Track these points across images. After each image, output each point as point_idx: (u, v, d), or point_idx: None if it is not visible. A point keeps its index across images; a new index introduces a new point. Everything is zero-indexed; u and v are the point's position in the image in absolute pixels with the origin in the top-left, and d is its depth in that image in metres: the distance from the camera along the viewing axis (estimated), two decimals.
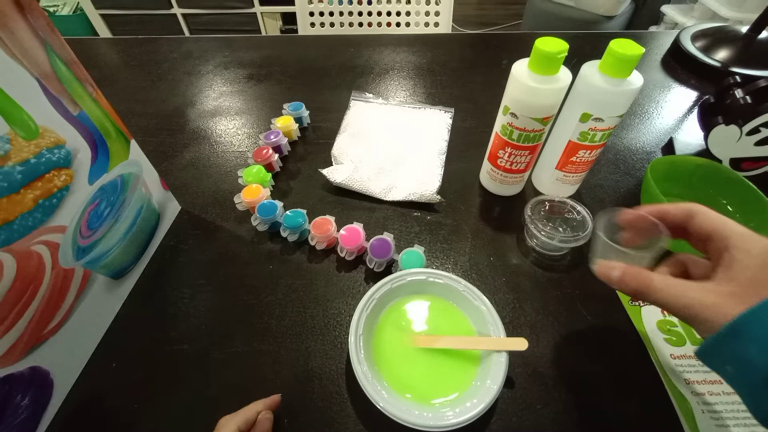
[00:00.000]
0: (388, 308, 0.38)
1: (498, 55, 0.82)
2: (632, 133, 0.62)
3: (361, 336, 0.34)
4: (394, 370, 0.34)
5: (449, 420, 0.30)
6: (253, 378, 0.31)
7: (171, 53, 0.82)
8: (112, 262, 0.40)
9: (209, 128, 0.64)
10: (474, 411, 0.30)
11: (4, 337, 0.29)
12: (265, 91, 0.72)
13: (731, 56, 0.72)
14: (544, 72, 0.39)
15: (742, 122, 0.49)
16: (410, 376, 0.34)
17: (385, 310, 0.38)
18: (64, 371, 0.35)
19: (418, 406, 0.32)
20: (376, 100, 0.67)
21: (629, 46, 0.37)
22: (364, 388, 0.31)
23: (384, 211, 0.51)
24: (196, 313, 0.41)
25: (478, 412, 0.30)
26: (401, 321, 0.37)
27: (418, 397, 0.33)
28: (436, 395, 0.33)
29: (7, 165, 0.28)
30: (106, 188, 0.38)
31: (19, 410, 0.31)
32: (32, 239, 0.30)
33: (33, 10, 0.29)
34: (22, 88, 0.29)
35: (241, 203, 0.48)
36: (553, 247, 0.44)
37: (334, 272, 0.45)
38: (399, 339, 0.36)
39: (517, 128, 0.43)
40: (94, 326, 0.39)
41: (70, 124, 0.34)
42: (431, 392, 0.33)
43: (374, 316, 0.37)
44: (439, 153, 0.57)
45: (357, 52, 0.82)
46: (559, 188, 0.51)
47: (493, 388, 0.31)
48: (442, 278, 0.38)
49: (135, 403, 0.35)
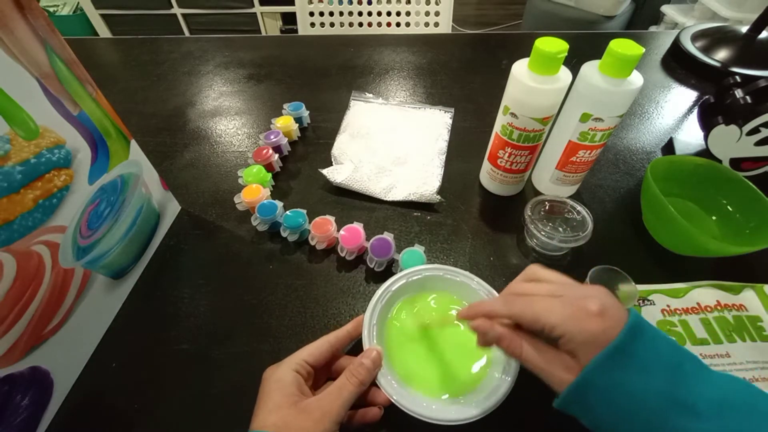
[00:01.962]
0: (402, 302, 0.38)
1: (498, 55, 0.82)
2: (632, 133, 0.62)
3: (375, 325, 0.34)
4: (406, 364, 0.34)
5: (464, 413, 0.30)
6: (253, 378, 0.31)
7: (171, 53, 0.82)
8: (112, 262, 0.40)
9: (209, 128, 0.64)
10: (488, 404, 0.30)
11: (4, 337, 0.29)
12: (265, 91, 0.72)
13: (731, 56, 0.72)
14: (544, 72, 0.39)
15: (742, 122, 0.49)
16: (423, 369, 0.34)
17: (399, 303, 0.38)
18: (64, 371, 0.35)
19: (430, 399, 0.32)
20: (376, 100, 0.67)
21: (629, 46, 0.37)
22: (378, 381, 0.32)
23: (384, 211, 0.51)
24: (196, 313, 0.41)
25: (492, 405, 0.30)
26: (414, 314, 0.37)
27: (430, 391, 0.33)
28: (448, 388, 0.33)
29: (7, 165, 0.28)
30: (106, 188, 0.38)
31: (19, 410, 0.31)
32: (32, 239, 0.30)
33: (33, 10, 0.29)
34: (22, 88, 0.29)
35: (241, 203, 0.48)
36: (553, 247, 0.44)
37: (335, 272, 0.45)
38: (412, 332, 0.36)
39: (517, 128, 0.43)
40: (94, 326, 0.39)
41: (70, 124, 0.34)
42: (444, 386, 0.33)
43: (387, 309, 0.37)
44: (439, 153, 0.57)
45: (357, 52, 0.82)
46: (559, 188, 0.51)
47: (506, 380, 0.32)
48: (459, 275, 0.38)
49: (135, 403, 0.35)
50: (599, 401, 0.24)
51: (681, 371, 0.23)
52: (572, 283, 0.28)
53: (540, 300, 0.26)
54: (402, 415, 0.30)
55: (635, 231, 0.48)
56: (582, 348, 0.24)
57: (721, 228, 0.46)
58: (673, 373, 0.23)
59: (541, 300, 0.26)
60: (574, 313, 0.24)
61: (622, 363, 0.23)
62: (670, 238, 0.45)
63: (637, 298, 0.40)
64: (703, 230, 0.46)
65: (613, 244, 0.47)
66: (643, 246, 0.47)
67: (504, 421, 0.32)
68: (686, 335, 0.38)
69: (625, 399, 0.23)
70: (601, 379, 0.23)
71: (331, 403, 0.29)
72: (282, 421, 0.27)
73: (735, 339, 0.38)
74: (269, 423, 0.27)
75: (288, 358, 0.32)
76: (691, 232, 0.40)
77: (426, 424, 0.30)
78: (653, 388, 0.22)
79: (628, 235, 0.48)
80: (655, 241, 0.46)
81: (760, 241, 0.39)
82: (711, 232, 0.46)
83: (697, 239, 0.40)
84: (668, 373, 0.23)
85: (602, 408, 0.24)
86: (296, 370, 0.30)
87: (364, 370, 0.31)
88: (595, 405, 0.24)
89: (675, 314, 0.40)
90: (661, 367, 0.23)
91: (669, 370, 0.23)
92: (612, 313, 0.24)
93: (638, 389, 0.23)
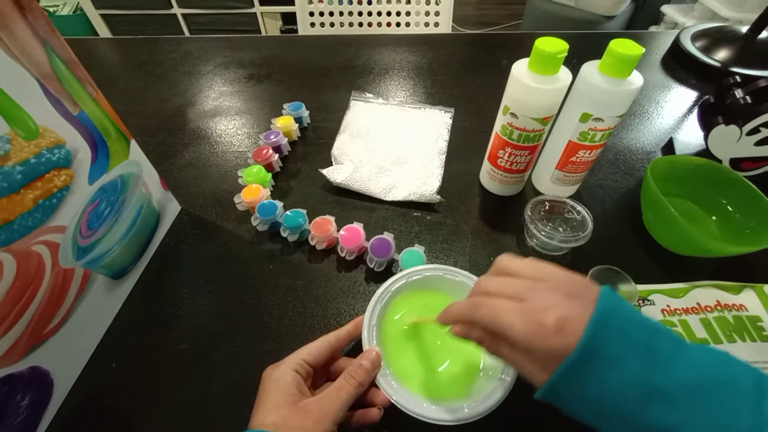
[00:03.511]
0: (402, 302, 0.38)
1: (498, 55, 0.82)
2: (632, 133, 0.62)
3: (374, 326, 0.34)
4: (405, 364, 0.34)
5: (464, 413, 0.30)
6: (253, 378, 0.31)
7: (171, 53, 0.82)
8: (112, 262, 0.40)
9: (209, 128, 0.64)
10: (487, 404, 0.30)
11: (4, 337, 0.29)
12: (265, 91, 0.72)
13: (731, 56, 0.72)
14: (544, 72, 0.39)
15: (742, 122, 0.49)
16: (422, 369, 0.34)
17: (399, 304, 0.38)
18: (64, 371, 0.35)
19: (430, 399, 0.32)
20: (376, 100, 0.67)
21: (629, 46, 0.37)
22: (377, 381, 0.32)
23: (384, 211, 0.51)
24: (196, 313, 0.41)
25: (492, 405, 0.30)
26: (414, 315, 0.37)
27: (430, 391, 0.33)
28: (448, 388, 0.33)
29: (7, 165, 0.28)
30: (106, 188, 0.38)
31: (19, 410, 0.31)
32: (32, 239, 0.30)
33: (33, 10, 0.29)
34: (22, 88, 0.29)
35: (241, 203, 0.48)
36: (553, 247, 0.44)
37: (334, 272, 0.45)
38: (412, 333, 0.36)
39: (517, 128, 0.43)
40: (94, 326, 0.39)
41: (70, 124, 0.34)
42: (443, 386, 0.33)
43: (387, 310, 0.37)
44: (439, 153, 0.57)
45: (357, 52, 0.82)
46: (559, 188, 0.51)
47: (506, 380, 0.32)
48: (458, 275, 0.38)
49: (135, 403, 0.35)
50: (573, 400, 0.24)
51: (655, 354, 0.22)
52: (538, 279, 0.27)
53: (503, 309, 0.25)
54: (402, 416, 0.30)
55: (635, 231, 0.48)
56: (545, 362, 0.24)
57: (721, 228, 0.46)
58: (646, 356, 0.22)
59: (503, 309, 0.25)
60: (533, 330, 0.23)
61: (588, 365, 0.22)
62: (670, 238, 0.45)
63: (637, 298, 0.40)
64: (703, 230, 0.46)
65: (613, 244, 0.47)
66: (643, 246, 0.47)
67: (504, 421, 0.32)
68: (686, 335, 0.38)
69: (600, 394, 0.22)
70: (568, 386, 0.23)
71: (331, 404, 0.29)
72: (281, 420, 0.27)
73: (735, 339, 0.38)
74: (268, 422, 0.27)
75: (287, 358, 0.32)
76: (691, 232, 0.40)
77: (425, 425, 0.30)
78: (627, 379, 0.22)
79: (628, 235, 0.48)
80: (655, 241, 0.46)
81: (760, 241, 0.39)
82: (711, 232, 0.46)
83: (697, 239, 0.40)
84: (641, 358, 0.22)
85: (578, 405, 0.24)
86: (296, 369, 0.30)
87: (363, 372, 0.31)
88: (570, 403, 0.24)
89: (675, 314, 0.40)
90: (633, 353, 0.22)
91: (642, 354, 0.22)
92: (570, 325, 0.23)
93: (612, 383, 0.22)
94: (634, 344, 0.23)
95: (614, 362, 0.22)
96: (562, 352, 0.23)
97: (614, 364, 0.22)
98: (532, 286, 0.26)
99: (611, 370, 0.22)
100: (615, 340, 0.22)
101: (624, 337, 0.23)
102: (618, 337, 0.23)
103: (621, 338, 0.23)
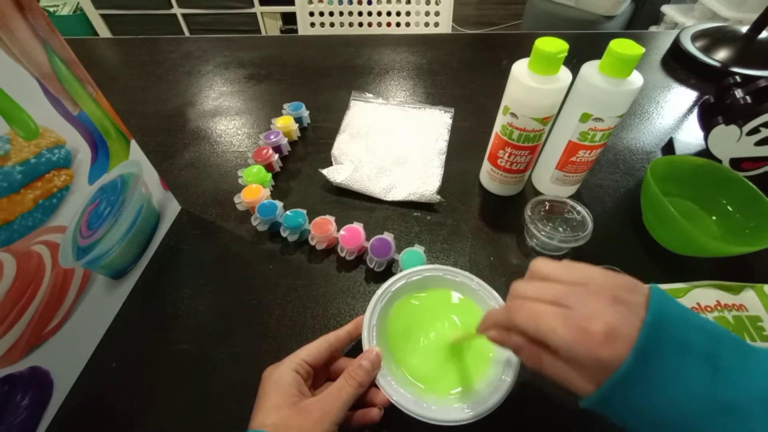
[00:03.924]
0: (402, 302, 0.38)
1: (498, 55, 0.82)
2: (632, 133, 0.62)
3: (374, 326, 0.34)
4: (406, 364, 0.34)
5: (464, 413, 0.30)
6: (253, 378, 0.31)
7: (171, 53, 0.82)
8: (112, 262, 0.40)
9: (209, 128, 0.64)
10: (488, 404, 0.30)
11: (4, 337, 0.29)
12: (265, 91, 0.72)
13: (731, 56, 0.72)
14: (544, 72, 0.39)
15: (742, 122, 0.49)
16: (422, 370, 0.34)
17: (399, 304, 0.38)
18: (64, 371, 0.35)
19: (430, 399, 0.32)
20: (376, 100, 0.67)
21: (629, 46, 0.37)
22: (377, 381, 0.32)
23: (384, 211, 0.51)
24: (196, 313, 0.41)
25: (492, 405, 0.30)
26: (414, 315, 0.37)
27: (430, 391, 0.33)
28: (448, 389, 0.33)
29: (7, 165, 0.28)
30: (106, 188, 0.38)
31: (19, 410, 0.31)
32: (32, 239, 0.30)
33: (33, 10, 0.29)
34: (22, 88, 0.29)
35: (241, 203, 0.48)
36: (553, 247, 0.44)
37: (334, 272, 0.45)
38: (412, 333, 0.36)
39: (517, 128, 0.43)
40: (94, 326, 0.39)
41: (70, 124, 0.34)
42: (443, 386, 0.33)
43: (387, 310, 0.37)
44: (439, 153, 0.57)
45: (357, 52, 0.82)
46: (559, 188, 0.51)
47: (506, 380, 0.32)
48: (458, 275, 0.38)
49: (135, 403, 0.35)
50: (627, 411, 0.22)
51: (719, 362, 0.20)
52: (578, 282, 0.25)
53: (543, 314, 0.24)
54: (402, 416, 0.30)
55: (635, 231, 0.48)
56: (592, 373, 0.22)
57: (721, 228, 0.46)
58: (710, 366, 0.20)
59: (544, 314, 0.24)
60: (578, 337, 0.22)
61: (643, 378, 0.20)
62: (670, 238, 0.45)
63: None
64: (703, 230, 0.46)
65: (613, 244, 0.47)
66: (643, 246, 0.47)
67: (504, 421, 0.32)
68: None
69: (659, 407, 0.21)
70: (621, 398, 0.21)
71: (331, 404, 0.29)
72: (281, 421, 0.27)
73: None
74: (268, 423, 0.27)
75: (287, 358, 0.32)
76: (691, 232, 0.40)
77: (426, 425, 0.30)
78: (690, 392, 0.20)
79: (628, 235, 0.48)
80: (655, 241, 0.46)
81: (760, 241, 0.39)
82: (711, 232, 0.46)
83: (697, 239, 0.40)
84: (705, 368, 0.20)
85: (632, 416, 0.22)
86: (296, 370, 0.30)
87: (363, 372, 0.31)
88: (624, 414, 0.22)
89: None
90: (694, 363, 0.20)
91: (705, 362, 0.20)
92: (620, 333, 0.21)
93: (672, 396, 0.20)
94: (695, 352, 0.21)
95: (674, 373, 0.20)
96: (611, 363, 0.21)
97: (674, 375, 0.20)
98: (573, 291, 0.24)
99: (671, 381, 0.20)
100: (672, 348, 0.21)
101: (682, 344, 0.21)
102: (675, 344, 0.21)
103: (679, 346, 0.21)
